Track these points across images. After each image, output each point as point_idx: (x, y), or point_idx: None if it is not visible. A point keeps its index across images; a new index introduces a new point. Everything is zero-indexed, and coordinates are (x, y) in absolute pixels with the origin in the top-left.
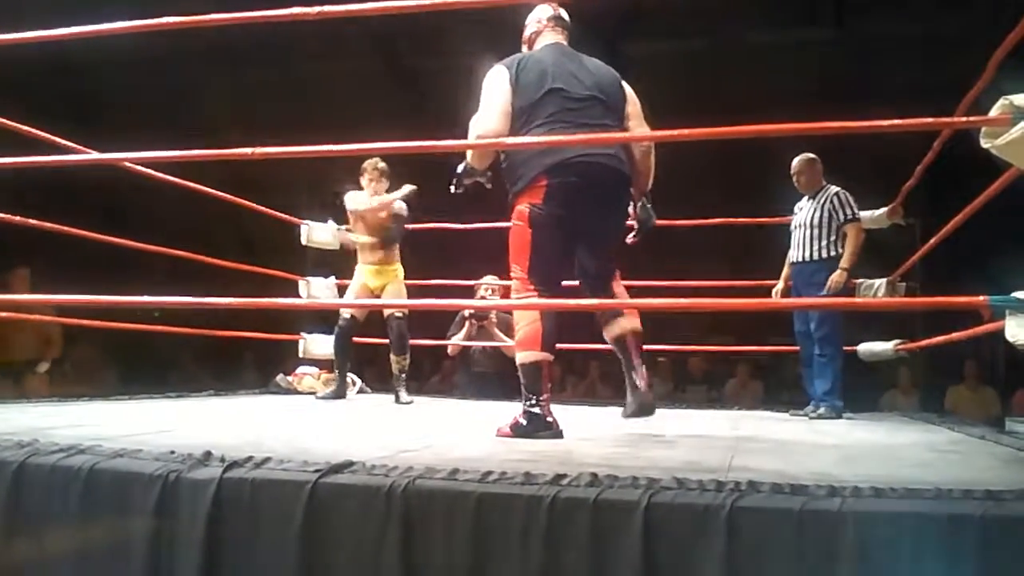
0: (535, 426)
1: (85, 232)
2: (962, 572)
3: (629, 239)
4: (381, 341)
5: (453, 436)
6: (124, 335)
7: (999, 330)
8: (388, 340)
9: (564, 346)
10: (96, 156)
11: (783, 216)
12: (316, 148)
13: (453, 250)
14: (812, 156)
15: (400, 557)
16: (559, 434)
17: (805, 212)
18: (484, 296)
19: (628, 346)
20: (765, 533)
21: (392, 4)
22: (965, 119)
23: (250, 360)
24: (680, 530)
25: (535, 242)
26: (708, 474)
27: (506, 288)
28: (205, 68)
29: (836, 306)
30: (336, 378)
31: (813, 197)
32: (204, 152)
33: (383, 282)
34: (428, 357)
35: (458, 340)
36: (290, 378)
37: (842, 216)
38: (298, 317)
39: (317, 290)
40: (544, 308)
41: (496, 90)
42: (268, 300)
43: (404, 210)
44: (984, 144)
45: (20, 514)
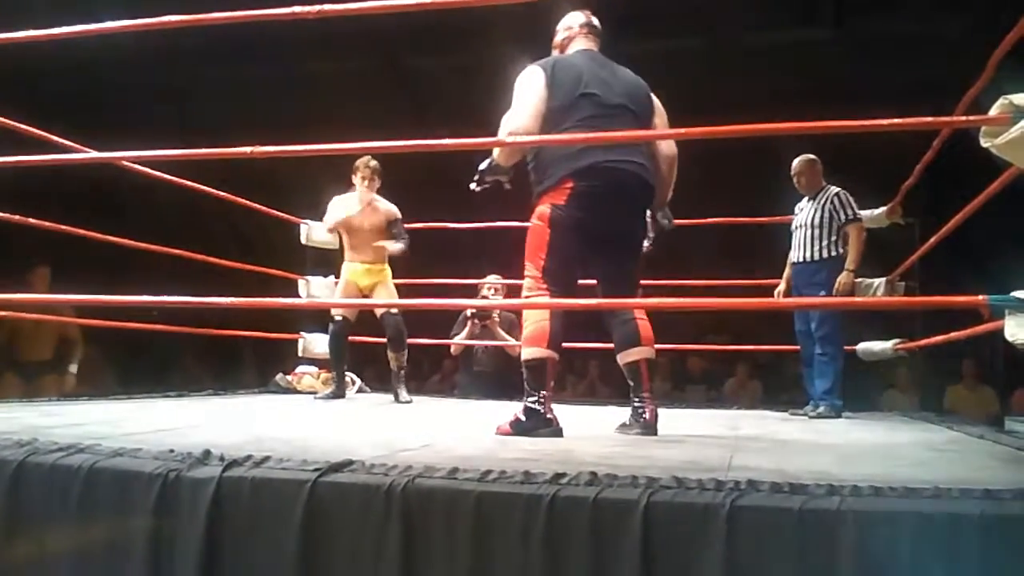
0: (535, 423)
1: (85, 232)
2: (961, 571)
3: (645, 246)
4: (380, 340)
5: (453, 435)
6: (124, 334)
7: (998, 330)
8: (385, 339)
9: (565, 345)
10: (95, 155)
11: (783, 216)
12: (316, 148)
13: (456, 249)
14: (812, 157)
15: (399, 556)
16: (559, 432)
17: (806, 213)
18: (487, 296)
19: (641, 375)
20: (764, 532)
21: (392, 4)
22: (965, 118)
23: (250, 359)
24: (680, 529)
25: (552, 243)
26: (708, 473)
27: (510, 287)
28: (205, 67)
29: (836, 306)
30: (334, 378)
31: (814, 198)
32: (204, 151)
33: (373, 281)
34: (427, 356)
35: (461, 340)
36: (289, 377)
37: (843, 216)
38: (298, 316)
39: (317, 289)
40: (544, 308)
41: (531, 89)
42: (268, 300)
43: (398, 214)
44: (984, 143)
45: (20, 513)
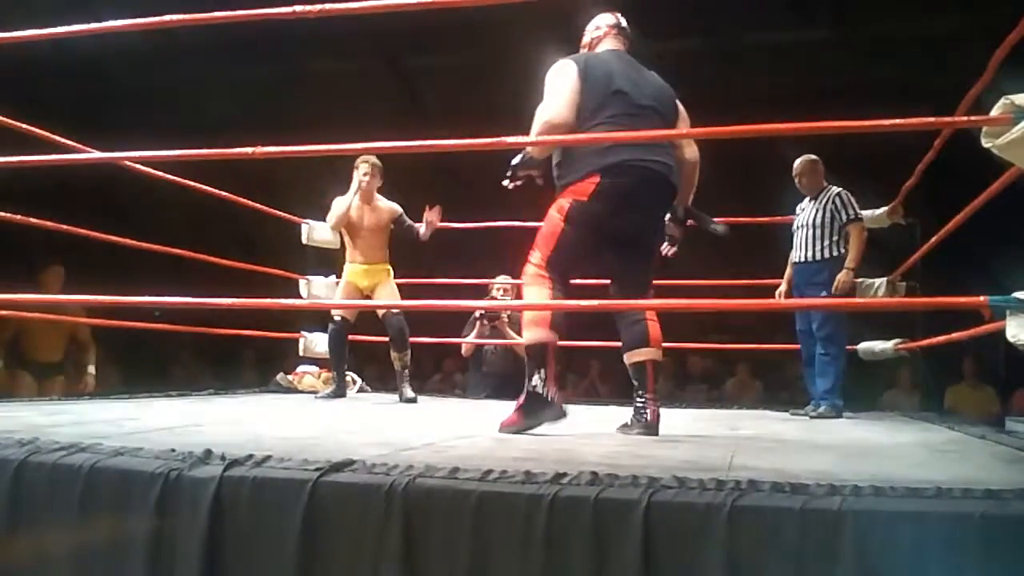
0: (537, 406)
1: (85, 231)
2: (962, 571)
3: (665, 250)
4: (380, 339)
5: (454, 435)
6: (125, 334)
7: (999, 330)
8: (387, 338)
9: (565, 344)
10: (96, 155)
11: (784, 216)
12: (316, 148)
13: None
14: (814, 157)
15: (400, 556)
16: (562, 413)
17: (807, 213)
18: (496, 296)
19: (647, 375)
20: (765, 532)
21: (392, 4)
22: (965, 119)
23: (250, 359)
24: (680, 529)
25: (564, 237)
26: (708, 473)
27: (519, 286)
28: (205, 67)
29: (836, 306)
30: (335, 378)
31: (815, 198)
32: (204, 151)
33: (373, 282)
34: (429, 356)
35: (471, 340)
36: (290, 377)
37: (844, 217)
38: (299, 316)
39: (318, 289)
40: (549, 309)
41: (565, 81)
42: (269, 300)
43: (400, 210)
44: (985, 144)
45: (21, 512)
